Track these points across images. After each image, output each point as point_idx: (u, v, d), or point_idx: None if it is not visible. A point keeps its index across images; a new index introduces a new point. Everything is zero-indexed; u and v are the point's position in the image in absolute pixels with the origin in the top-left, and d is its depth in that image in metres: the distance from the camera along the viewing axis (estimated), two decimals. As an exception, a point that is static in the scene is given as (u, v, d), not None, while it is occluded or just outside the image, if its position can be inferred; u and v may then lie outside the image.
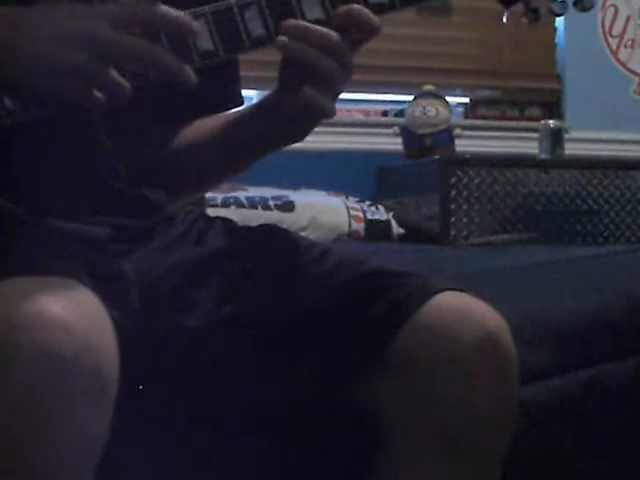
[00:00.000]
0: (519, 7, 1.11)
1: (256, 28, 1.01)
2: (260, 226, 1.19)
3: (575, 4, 1.11)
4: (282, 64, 1.06)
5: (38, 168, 1.04)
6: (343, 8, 1.02)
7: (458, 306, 1.07)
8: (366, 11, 1.02)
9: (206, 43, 1.00)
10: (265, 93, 1.13)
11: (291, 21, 1.01)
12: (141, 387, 1.00)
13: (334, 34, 1.01)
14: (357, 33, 1.02)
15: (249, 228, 1.20)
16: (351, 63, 1.03)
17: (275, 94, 1.10)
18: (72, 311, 0.86)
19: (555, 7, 1.10)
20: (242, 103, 1.26)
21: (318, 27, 1.01)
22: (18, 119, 0.97)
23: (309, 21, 1.01)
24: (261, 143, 1.15)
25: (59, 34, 0.94)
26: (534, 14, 1.11)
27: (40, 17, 0.96)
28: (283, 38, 1.00)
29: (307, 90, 1.02)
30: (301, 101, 1.03)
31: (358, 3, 1.02)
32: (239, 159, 1.20)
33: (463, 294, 1.09)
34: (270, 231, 1.18)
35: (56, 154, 1.05)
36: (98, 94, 0.94)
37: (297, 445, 1.12)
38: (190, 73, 0.96)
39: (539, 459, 1.43)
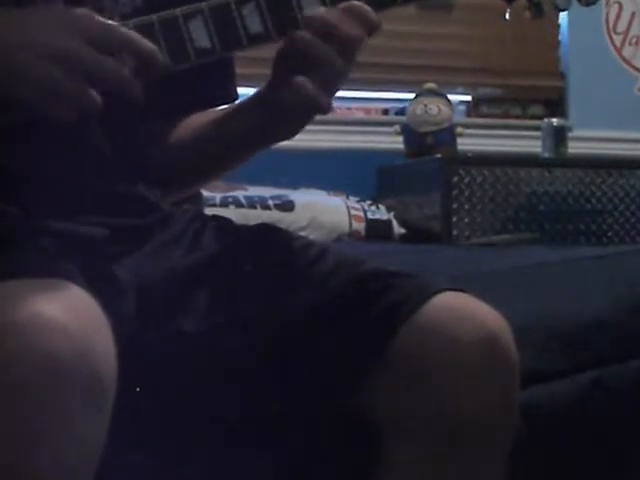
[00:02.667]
0: (522, 1, 1.10)
1: (254, 25, 1.00)
2: (257, 225, 1.19)
3: None
4: (278, 56, 1.05)
5: (33, 169, 1.03)
6: (343, 4, 1.01)
7: (459, 306, 1.06)
8: (366, 7, 1.02)
9: (203, 40, 0.99)
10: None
11: (320, 13, 1.01)
12: (138, 391, 0.99)
13: (363, 36, 1.01)
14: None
15: (246, 227, 1.19)
16: (354, 62, 1.03)
17: (268, 87, 1.09)
18: (69, 313, 0.85)
19: (559, 1, 1.09)
20: (237, 99, 1.26)
21: (347, 29, 1.01)
22: None
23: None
24: (253, 138, 1.15)
25: (29, 46, 0.92)
26: (537, 8, 1.10)
27: (12, 26, 0.94)
28: (304, 32, 1.00)
29: (307, 86, 1.01)
30: (294, 94, 1.02)
31: None
32: (231, 154, 1.19)
33: (464, 294, 1.08)
34: (267, 231, 1.18)
35: (51, 154, 1.04)
36: (68, 107, 0.92)
37: (296, 446, 1.12)
38: (139, 93, 0.94)
39: (542, 461, 1.42)
